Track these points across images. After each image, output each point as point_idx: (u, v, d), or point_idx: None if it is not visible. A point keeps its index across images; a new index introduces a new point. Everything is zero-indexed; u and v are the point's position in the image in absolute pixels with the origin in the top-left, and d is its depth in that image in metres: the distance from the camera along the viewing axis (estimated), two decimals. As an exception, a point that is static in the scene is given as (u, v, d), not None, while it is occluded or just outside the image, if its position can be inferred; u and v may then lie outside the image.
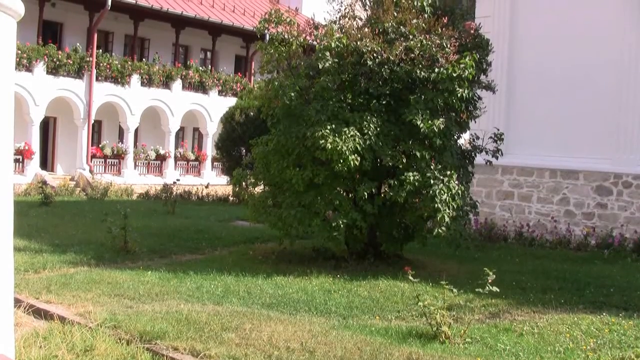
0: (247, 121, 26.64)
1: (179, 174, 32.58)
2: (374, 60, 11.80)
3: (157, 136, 33.45)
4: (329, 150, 11.01)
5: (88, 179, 28.52)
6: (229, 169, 25.53)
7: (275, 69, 12.87)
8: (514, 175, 18.13)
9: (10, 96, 2.51)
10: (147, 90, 31.85)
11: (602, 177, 16.75)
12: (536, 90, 17.92)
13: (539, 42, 17.97)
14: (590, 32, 17.06)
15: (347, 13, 13.07)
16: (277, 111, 12.46)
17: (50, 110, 28.88)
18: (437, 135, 11.57)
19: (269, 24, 12.78)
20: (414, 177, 11.35)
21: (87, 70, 29.44)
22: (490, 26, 17.74)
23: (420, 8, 12.89)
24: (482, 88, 13.30)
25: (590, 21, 17.07)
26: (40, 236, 14.14)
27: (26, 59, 27.06)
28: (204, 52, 37.39)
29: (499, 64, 16.84)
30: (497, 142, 13.64)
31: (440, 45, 11.93)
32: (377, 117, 11.67)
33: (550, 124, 17.64)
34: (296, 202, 11.88)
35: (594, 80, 16.97)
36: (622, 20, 16.51)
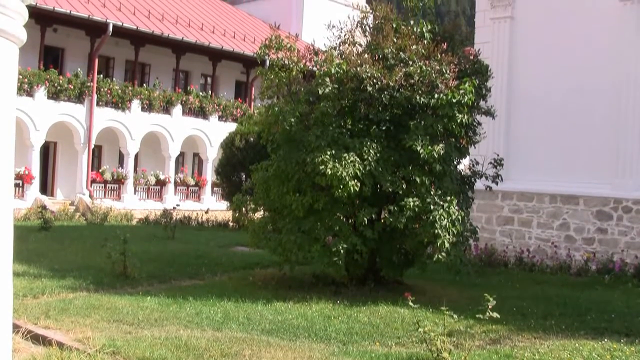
0: (247, 147, 26.67)
1: (179, 199, 32.57)
2: (373, 86, 11.84)
3: (157, 161, 33.49)
4: (329, 175, 11.01)
5: (88, 204, 28.49)
6: (229, 194, 25.51)
7: (276, 94, 12.91)
8: (514, 200, 18.13)
9: (12, 121, 2.51)
10: (148, 115, 31.94)
11: (602, 202, 16.75)
12: (536, 115, 17.97)
13: (538, 68, 18.06)
14: (589, 57, 17.14)
15: (347, 39, 13.14)
16: (277, 137, 12.48)
17: (51, 135, 28.95)
18: (437, 161, 11.58)
19: (269, 50, 12.84)
20: (414, 202, 11.34)
21: (87, 95, 29.55)
22: (490, 52, 17.84)
23: (420, 34, 12.96)
24: (481, 114, 13.33)
25: (589, 46, 17.16)
26: (40, 261, 14.09)
27: (27, 84, 27.18)
28: (205, 77, 37.55)
29: (498, 90, 16.91)
30: (496, 168, 13.65)
31: (440, 71, 11.98)
32: (377, 143, 11.69)
33: (550, 149, 17.67)
34: (296, 228, 11.86)
35: (593, 106, 17.02)
36: (621, 46, 16.59)
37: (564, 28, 17.70)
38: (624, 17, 16.66)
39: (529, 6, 18.48)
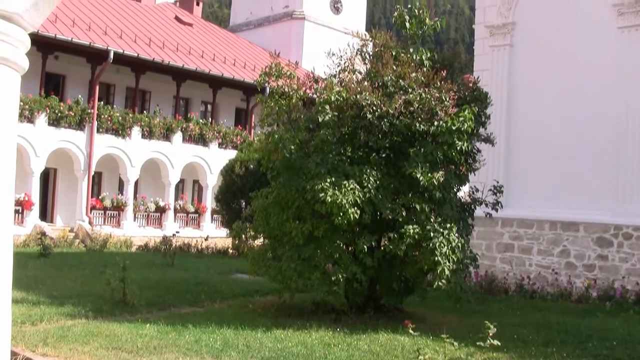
0: (247, 174, 26.71)
1: (179, 227, 32.53)
2: (373, 113, 11.87)
3: (157, 188, 33.50)
4: (329, 203, 11.01)
5: (87, 231, 28.46)
6: (229, 221, 25.49)
7: (276, 121, 12.95)
8: (514, 227, 18.12)
9: (13, 148, 2.52)
10: (148, 142, 32.01)
11: (602, 229, 16.73)
12: (535, 142, 18.02)
13: (537, 95, 18.13)
14: (588, 84, 17.22)
15: (346, 67, 13.20)
16: (277, 164, 12.50)
17: (51, 161, 28.99)
18: (436, 188, 11.59)
19: (269, 78, 12.90)
20: (414, 230, 11.33)
21: (88, 122, 29.64)
22: (489, 79, 17.93)
23: (419, 62, 13.02)
24: (481, 141, 13.35)
25: (589, 74, 17.24)
26: (38, 288, 14.06)
27: (28, 111, 27.27)
28: (205, 104, 37.67)
29: (497, 117, 16.97)
30: (496, 195, 13.65)
31: (440, 99, 12.02)
32: (376, 170, 11.70)
33: (550, 176, 17.69)
34: (296, 255, 11.84)
35: (593, 132, 17.06)
36: (620, 73, 16.67)
37: (563, 55, 17.80)
38: (623, 44, 16.77)
39: (527, 34, 18.60)
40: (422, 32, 13.58)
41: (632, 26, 16.73)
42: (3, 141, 2.41)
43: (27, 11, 2.27)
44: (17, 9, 2.25)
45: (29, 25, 2.36)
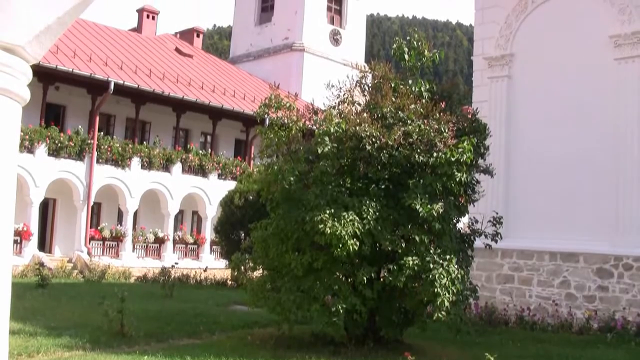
0: (246, 205, 26.68)
1: (178, 257, 32.43)
2: (372, 145, 11.90)
3: (156, 219, 33.45)
4: (328, 234, 11.00)
5: (86, 261, 28.38)
6: (228, 252, 25.42)
7: (275, 153, 12.98)
8: (514, 258, 18.08)
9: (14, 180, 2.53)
10: (147, 173, 32.03)
11: (602, 260, 16.70)
12: (534, 172, 18.04)
13: (536, 125, 18.20)
14: (586, 115, 17.30)
15: (346, 98, 13.26)
16: (276, 195, 12.50)
17: (50, 191, 28.98)
18: (436, 220, 11.58)
19: (269, 109, 12.95)
20: (414, 261, 11.31)
21: (88, 153, 29.68)
22: (488, 110, 18.00)
23: (418, 93, 13.09)
24: (480, 172, 13.37)
25: (587, 104, 17.33)
26: (36, 319, 13.98)
27: (28, 141, 27.32)
28: (204, 135, 37.76)
29: (496, 148, 17.01)
30: (496, 226, 13.64)
31: (439, 130, 12.06)
32: (376, 202, 11.70)
33: (549, 206, 17.69)
34: (295, 287, 11.80)
35: (591, 162, 17.10)
36: (618, 104, 16.75)
37: (561, 86, 17.90)
38: (620, 75, 16.87)
39: (525, 65, 18.71)
40: (421, 63, 13.67)
41: (629, 57, 16.85)
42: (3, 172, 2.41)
43: (29, 43, 2.29)
44: (20, 41, 2.26)
45: (31, 57, 2.38)
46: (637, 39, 16.76)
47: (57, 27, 2.31)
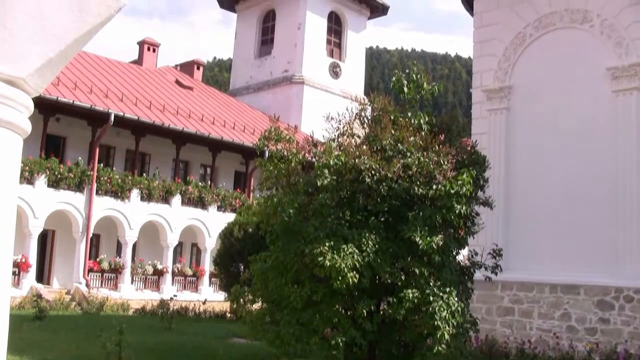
0: (245, 237, 26.63)
1: (177, 290, 32.32)
2: (372, 177, 11.91)
3: (155, 251, 33.38)
4: (328, 267, 10.96)
5: (84, 293, 28.26)
6: (227, 285, 25.33)
7: (275, 185, 12.97)
8: (514, 290, 18.01)
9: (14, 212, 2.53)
10: (147, 205, 32.03)
11: (603, 292, 16.64)
12: (534, 205, 18.05)
13: (535, 158, 18.24)
14: (585, 146, 17.35)
15: (345, 131, 13.29)
16: (275, 227, 12.47)
17: (49, 222, 28.95)
18: (435, 252, 11.55)
19: (269, 141, 12.96)
20: (413, 294, 11.25)
21: (87, 184, 29.70)
22: (487, 143, 18.05)
23: (418, 126, 13.12)
24: (479, 204, 13.36)
25: (585, 136, 17.39)
26: (32, 351, 13.89)
27: (28, 172, 27.36)
28: (204, 167, 37.82)
29: (496, 180, 17.03)
30: (496, 258, 13.59)
31: (438, 163, 12.07)
32: (375, 234, 11.68)
33: (549, 239, 17.67)
34: (294, 320, 11.73)
35: (591, 193, 17.12)
36: (616, 136, 16.81)
37: (560, 118, 17.98)
38: (618, 107, 16.96)
39: (524, 97, 18.81)
40: (420, 96, 13.72)
41: (626, 90, 16.95)
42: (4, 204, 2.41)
43: (31, 76, 2.31)
44: (22, 74, 2.28)
45: (32, 89, 2.40)
46: (634, 72, 16.87)
47: (59, 61, 2.32)
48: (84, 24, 2.26)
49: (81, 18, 2.25)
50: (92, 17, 2.27)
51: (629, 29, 17.12)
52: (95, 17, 2.27)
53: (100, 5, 2.27)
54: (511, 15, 19.33)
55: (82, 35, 2.29)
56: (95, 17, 2.27)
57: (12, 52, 2.24)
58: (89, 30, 2.29)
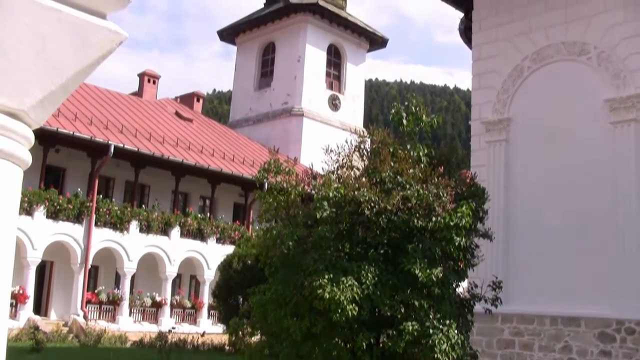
0: (244, 269, 26.55)
1: (175, 322, 32.15)
2: (371, 209, 11.90)
3: (153, 282, 33.26)
4: (327, 300, 10.91)
5: (82, 325, 28.10)
6: (226, 317, 25.20)
7: (274, 217, 12.96)
8: (514, 323, 17.90)
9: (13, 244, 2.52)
10: (146, 236, 31.99)
11: (604, 324, 16.54)
12: (534, 236, 18.01)
13: (534, 189, 18.25)
14: (584, 178, 17.36)
15: (344, 163, 13.30)
16: (274, 260, 12.44)
17: (48, 254, 28.90)
18: (435, 284, 11.51)
19: (268, 174, 12.97)
20: (413, 326, 11.20)
21: (86, 215, 29.70)
22: (486, 174, 18.05)
23: (417, 158, 13.15)
24: (479, 236, 13.34)
25: (584, 168, 17.41)
26: (29, 385, 13.78)
27: (27, 203, 27.38)
28: (203, 199, 37.84)
29: (495, 212, 17.01)
30: (495, 291, 13.54)
31: (437, 195, 12.08)
32: (375, 267, 11.65)
33: (549, 271, 17.61)
34: (294, 352, 11.65)
35: (590, 224, 17.09)
36: (615, 167, 16.83)
37: (559, 149, 18.01)
38: (616, 139, 17.00)
39: (523, 129, 18.86)
40: (419, 128, 13.77)
41: (624, 121, 17.00)
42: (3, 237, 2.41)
43: (32, 108, 2.32)
44: (24, 107, 2.30)
45: (33, 122, 2.41)
46: (632, 103, 16.94)
47: (60, 93, 2.34)
48: (86, 57, 2.28)
49: (83, 51, 2.27)
50: (93, 50, 2.28)
51: (626, 61, 17.22)
52: (97, 50, 2.29)
53: (101, 39, 2.29)
54: (509, 48, 19.46)
55: (83, 68, 2.30)
56: (97, 50, 2.29)
57: (14, 84, 2.26)
58: (90, 63, 2.31)
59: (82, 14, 2.21)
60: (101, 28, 2.25)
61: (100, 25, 2.25)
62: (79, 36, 2.23)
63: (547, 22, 18.71)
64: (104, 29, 2.26)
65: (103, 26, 2.26)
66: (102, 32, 2.26)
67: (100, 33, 2.26)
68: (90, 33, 2.24)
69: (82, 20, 2.21)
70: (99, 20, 2.25)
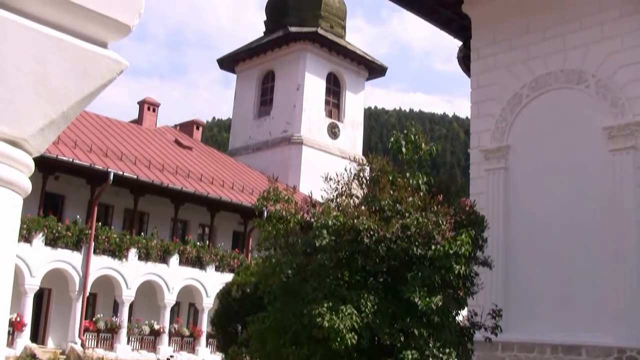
0: (243, 297, 26.40)
1: (173, 350, 31.98)
2: (370, 238, 11.89)
3: (152, 310, 33.11)
4: (326, 328, 10.86)
5: (79, 353, 27.92)
6: (225, 345, 25.02)
7: (273, 245, 12.94)
8: (515, 351, 17.80)
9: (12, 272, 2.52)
10: (144, 264, 31.91)
11: (605, 352, 16.44)
12: (534, 264, 17.97)
13: (533, 217, 18.23)
14: (583, 206, 17.35)
15: (344, 191, 13.31)
16: (273, 288, 12.41)
17: (46, 281, 28.79)
18: (435, 313, 11.47)
19: (267, 202, 12.98)
20: (413, 355, 11.14)
21: (85, 243, 29.64)
22: (485, 202, 18.05)
23: (416, 186, 13.16)
24: (479, 264, 13.31)
25: (583, 196, 17.41)
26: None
27: (26, 230, 27.33)
28: (202, 227, 37.77)
29: (495, 240, 16.98)
30: (495, 319, 13.49)
31: (436, 223, 12.07)
32: (374, 295, 11.61)
33: (549, 299, 17.54)
34: (292, 381, 11.58)
35: (591, 254, 17.04)
36: (614, 195, 16.83)
37: (558, 177, 18.02)
38: (615, 167, 17.02)
39: (522, 157, 18.89)
40: (418, 156, 13.80)
41: (623, 149, 17.03)
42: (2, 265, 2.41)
43: (33, 137, 2.33)
44: (24, 135, 2.31)
45: (34, 149, 2.41)
46: (630, 131, 16.99)
47: (61, 121, 2.35)
48: (87, 85, 2.29)
49: (84, 80, 2.28)
50: (94, 79, 2.30)
51: (623, 88, 17.29)
52: (98, 79, 2.31)
53: (103, 67, 2.31)
54: (508, 76, 19.55)
55: (84, 97, 2.32)
56: (98, 79, 2.30)
57: (15, 112, 2.27)
58: (91, 92, 2.32)
59: (83, 42, 2.23)
60: (102, 57, 2.27)
61: (102, 54, 2.27)
62: (80, 65, 2.24)
63: (545, 51, 18.82)
64: (105, 58, 2.27)
65: (104, 55, 2.27)
66: (104, 60, 2.27)
67: (101, 62, 2.27)
68: (92, 62, 2.26)
69: (83, 48, 2.23)
70: (100, 49, 2.27)
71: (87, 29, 2.23)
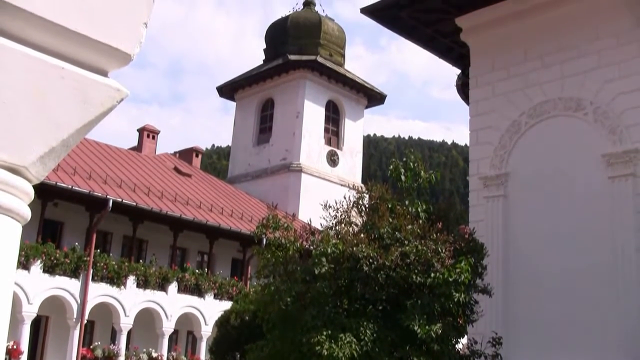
0: (242, 325, 26.26)
1: (171, 378, 31.75)
2: (370, 265, 11.87)
3: (150, 338, 32.91)
4: (325, 356, 10.81)
5: (77, 383, 27.74)
6: (223, 373, 24.88)
7: (272, 273, 12.92)
8: (515, 380, 17.68)
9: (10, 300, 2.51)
10: (143, 292, 31.78)
11: (606, 381, 16.33)
12: (534, 291, 17.89)
13: (533, 244, 18.18)
14: (582, 233, 17.31)
15: (343, 219, 13.32)
16: (272, 316, 12.36)
17: (43, 308, 28.64)
18: (434, 341, 11.42)
19: (267, 229, 12.99)
20: (412, 384, 11.08)
21: (83, 270, 29.54)
22: (484, 230, 18.02)
23: (415, 214, 13.18)
24: (478, 292, 13.29)
25: (582, 222, 17.37)
26: None
27: (24, 257, 27.23)
28: (201, 254, 37.68)
29: (494, 267, 16.93)
30: (495, 347, 13.44)
31: (436, 250, 12.06)
32: (373, 323, 11.57)
33: (550, 326, 17.45)
34: (291, 410, 11.50)
35: (590, 279, 16.98)
36: (613, 222, 16.81)
37: (557, 204, 18.00)
38: (614, 194, 17.01)
39: (521, 184, 18.89)
40: (417, 184, 13.84)
41: (622, 176, 17.04)
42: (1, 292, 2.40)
43: (33, 164, 2.33)
44: (24, 163, 2.31)
45: (34, 177, 2.42)
46: (629, 158, 17.00)
47: (61, 149, 2.35)
48: (87, 113, 2.30)
49: (84, 108, 2.29)
50: (94, 107, 2.31)
51: (622, 116, 17.34)
52: (98, 107, 2.31)
53: (103, 96, 2.31)
54: (506, 103, 19.61)
55: (85, 125, 2.32)
56: (98, 107, 2.31)
57: (15, 140, 2.27)
58: (91, 120, 2.33)
59: (84, 71, 2.24)
60: (103, 85, 2.28)
61: (102, 82, 2.28)
62: (81, 93, 2.25)
63: (543, 78, 18.89)
64: (105, 86, 2.28)
65: (105, 83, 2.28)
66: (104, 89, 2.28)
67: (102, 90, 2.28)
68: (92, 90, 2.26)
69: (84, 77, 2.23)
70: (101, 77, 2.28)
71: (88, 58, 2.24)
